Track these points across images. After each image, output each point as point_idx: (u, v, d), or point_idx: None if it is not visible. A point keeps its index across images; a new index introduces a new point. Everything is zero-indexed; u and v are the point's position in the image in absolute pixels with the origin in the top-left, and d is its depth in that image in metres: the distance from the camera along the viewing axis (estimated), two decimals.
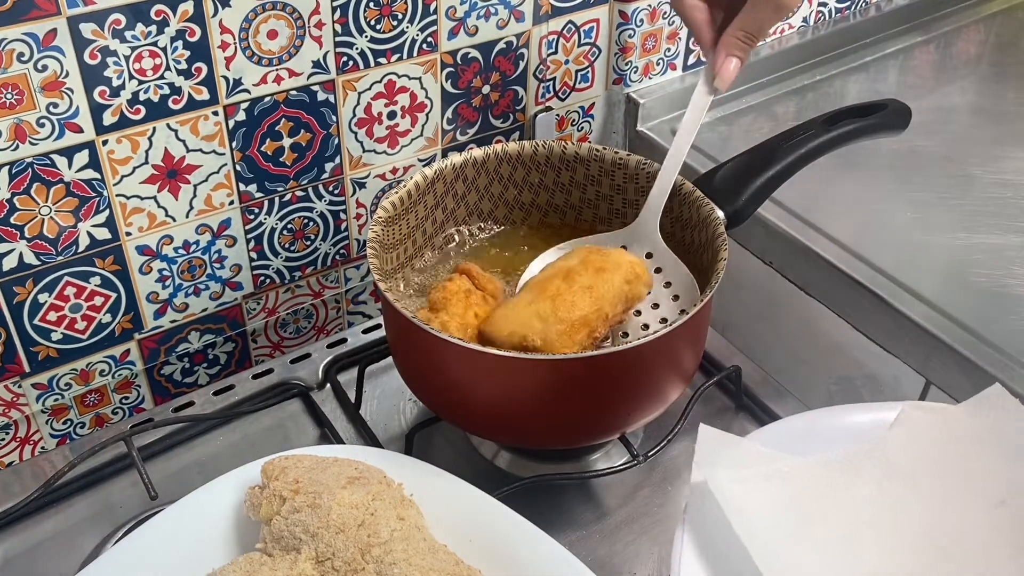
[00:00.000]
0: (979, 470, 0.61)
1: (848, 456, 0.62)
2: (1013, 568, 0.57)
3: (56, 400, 0.83)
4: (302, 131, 0.82)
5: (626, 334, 0.73)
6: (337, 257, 0.92)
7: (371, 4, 0.79)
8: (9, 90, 0.67)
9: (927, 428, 0.63)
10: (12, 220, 0.72)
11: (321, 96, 0.81)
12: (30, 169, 0.71)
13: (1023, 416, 0.63)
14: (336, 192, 0.88)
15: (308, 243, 0.89)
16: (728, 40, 0.71)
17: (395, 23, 0.82)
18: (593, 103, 1.02)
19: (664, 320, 0.72)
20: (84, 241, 0.76)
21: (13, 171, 0.70)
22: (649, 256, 0.74)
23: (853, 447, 0.62)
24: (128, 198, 0.77)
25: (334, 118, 0.83)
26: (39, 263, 0.75)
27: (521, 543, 0.61)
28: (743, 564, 0.55)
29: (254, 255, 0.87)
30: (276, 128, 0.81)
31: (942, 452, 0.62)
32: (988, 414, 0.63)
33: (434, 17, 0.84)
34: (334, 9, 0.78)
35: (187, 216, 0.81)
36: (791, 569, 0.56)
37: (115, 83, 0.71)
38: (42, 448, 0.86)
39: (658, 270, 0.74)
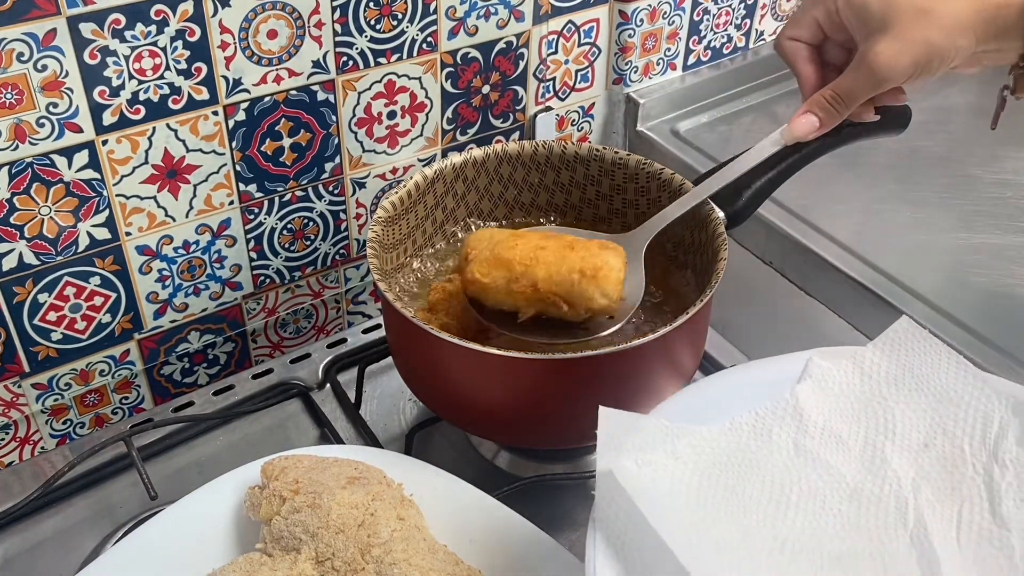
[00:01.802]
0: (898, 413, 0.57)
1: (757, 417, 0.57)
2: (943, 512, 0.54)
3: (56, 400, 0.83)
4: (302, 131, 0.82)
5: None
6: (337, 257, 0.92)
7: (371, 4, 0.79)
8: (9, 90, 0.67)
9: (838, 375, 0.59)
10: (12, 220, 0.72)
11: (321, 96, 0.81)
12: (30, 169, 0.71)
13: (938, 349, 0.58)
14: (336, 192, 0.88)
15: (308, 243, 0.89)
16: (816, 98, 0.67)
17: (395, 23, 0.82)
18: (593, 103, 1.02)
19: (585, 330, 0.69)
20: (84, 241, 0.76)
21: (13, 171, 0.70)
22: None
23: (761, 407, 0.57)
24: (128, 198, 0.77)
25: (334, 118, 0.83)
26: (39, 263, 0.75)
27: (521, 543, 0.61)
28: (661, 555, 0.49)
29: (254, 255, 0.87)
30: (276, 128, 0.81)
31: (857, 399, 0.58)
32: (901, 351, 0.59)
33: (434, 17, 0.84)
34: (334, 9, 0.78)
35: (187, 216, 0.81)
36: (712, 551, 0.51)
37: (115, 83, 0.71)
38: (42, 448, 0.86)
39: None
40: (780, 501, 0.54)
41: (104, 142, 0.73)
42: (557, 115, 0.99)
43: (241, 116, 0.78)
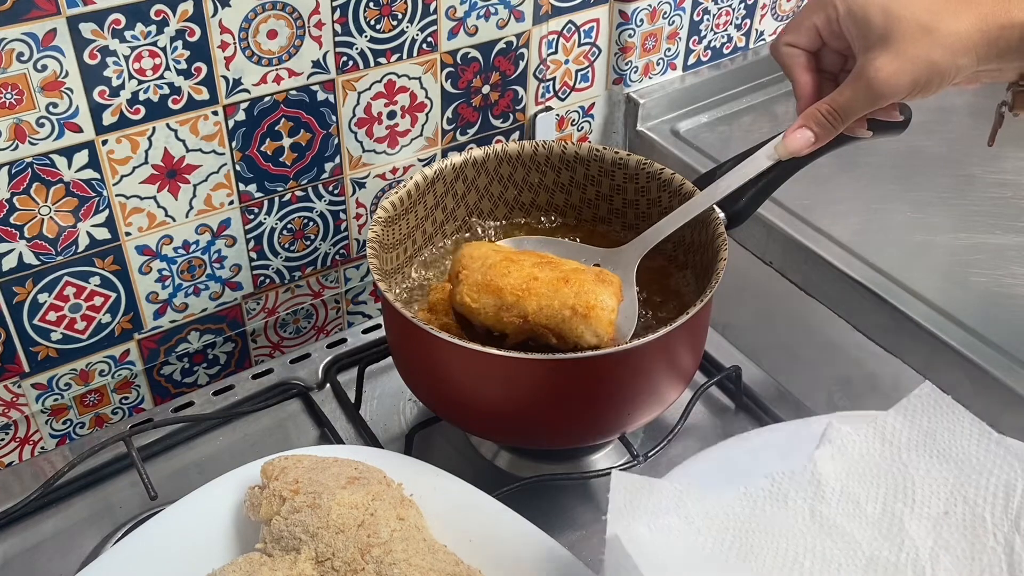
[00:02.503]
0: (918, 480, 0.56)
1: (774, 482, 0.56)
2: None
3: (56, 400, 0.83)
4: (302, 131, 0.82)
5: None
6: (337, 257, 0.92)
7: (371, 4, 0.79)
8: (9, 90, 0.67)
9: (857, 440, 0.58)
10: (12, 220, 0.72)
11: (321, 96, 0.81)
12: (30, 169, 0.71)
13: (960, 415, 0.58)
14: (336, 192, 0.88)
15: (308, 243, 0.89)
16: (812, 112, 0.66)
17: (395, 23, 0.82)
18: (593, 103, 1.02)
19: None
20: (84, 241, 0.76)
21: (13, 171, 0.70)
22: None
23: (778, 472, 0.56)
24: (128, 198, 0.77)
25: (334, 118, 0.83)
26: (39, 263, 0.75)
27: (521, 543, 0.61)
28: None
29: (254, 255, 0.87)
30: (276, 128, 0.81)
31: (876, 464, 0.57)
32: (922, 417, 0.58)
33: (434, 17, 0.83)
34: (334, 9, 0.78)
35: (187, 216, 0.81)
36: None
37: (115, 83, 0.71)
38: (42, 448, 0.86)
39: None
40: (794, 570, 0.54)
41: (104, 142, 0.73)
42: (557, 115, 0.99)
43: (241, 116, 0.78)
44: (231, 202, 0.82)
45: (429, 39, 0.84)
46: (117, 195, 0.76)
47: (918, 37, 0.60)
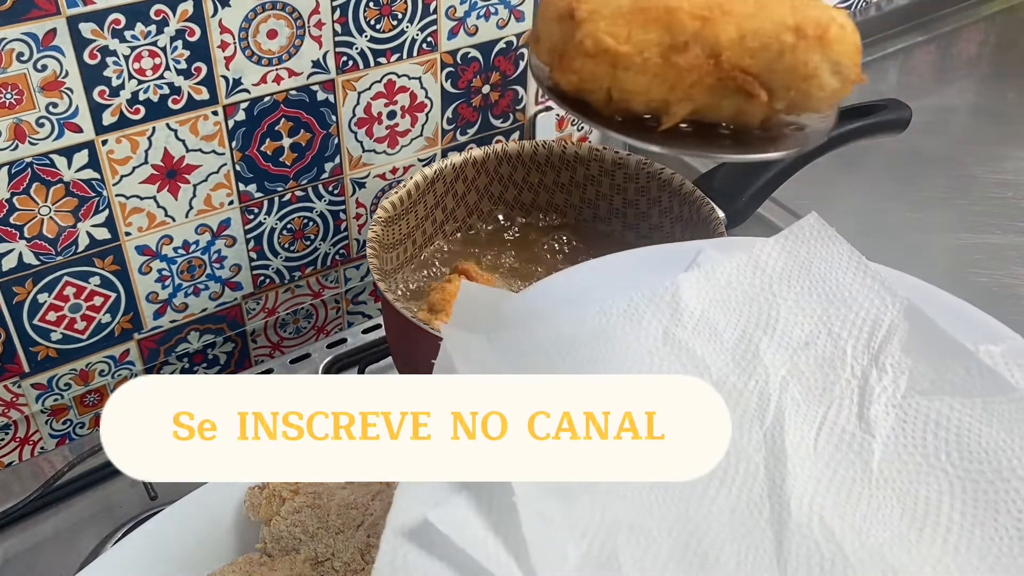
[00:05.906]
0: (784, 310, 0.53)
1: (631, 303, 0.51)
2: (808, 412, 0.50)
3: (56, 400, 0.83)
4: (302, 131, 0.82)
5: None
6: (337, 257, 0.92)
7: (371, 4, 0.79)
8: (9, 90, 0.67)
9: (728, 268, 0.54)
10: (11, 220, 0.72)
11: (321, 96, 0.81)
12: (29, 169, 0.71)
13: (841, 248, 0.55)
14: (336, 192, 0.88)
15: (308, 243, 0.89)
16: None
17: (395, 23, 0.82)
18: None
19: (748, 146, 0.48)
20: (84, 241, 0.76)
21: (12, 171, 0.70)
22: None
23: (637, 293, 0.51)
24: (128, 198, 0.77)
25: (334, 118, 0.83)
26: (39, 263, 0.75)
27: None
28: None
29: (254, 255, 0.87)
30: (276, 128, 0.81)
31: (744, 292, 0.53)
32: (801, 248, 0.55)
33: (434, 17, 0.84)
34: (334, 9, 0.78)
35: (187, 216, 0.81)
36: None
37: (115, 83, 0.71)
38: (42, 448, 0.86)
39: None
40: None
41: (104, 142, 0.73)
42: (557, 115, 0.99)
43: (241, 116, 0.78)
44: (231, 202, 0.82)
45: (429, 39, 0.84)
46: (117, 195, 0.76)
47: None
